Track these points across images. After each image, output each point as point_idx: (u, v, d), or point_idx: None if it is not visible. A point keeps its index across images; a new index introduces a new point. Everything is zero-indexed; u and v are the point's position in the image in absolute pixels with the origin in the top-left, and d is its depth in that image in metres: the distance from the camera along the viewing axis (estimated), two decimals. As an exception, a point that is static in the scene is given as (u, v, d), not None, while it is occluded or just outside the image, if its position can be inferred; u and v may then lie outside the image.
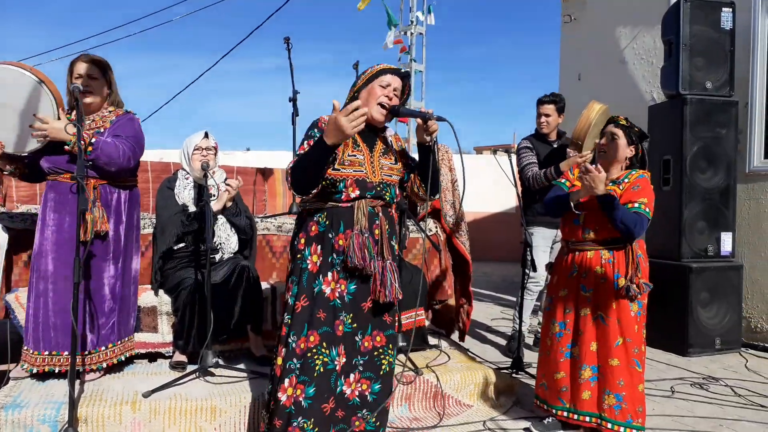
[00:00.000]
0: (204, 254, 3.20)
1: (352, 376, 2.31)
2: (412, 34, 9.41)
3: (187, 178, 3.45)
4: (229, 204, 3.39)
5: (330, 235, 2.30)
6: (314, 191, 2.26)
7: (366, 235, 2.27)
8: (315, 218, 2.34)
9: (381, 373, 2.35)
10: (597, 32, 6.66)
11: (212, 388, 2.92)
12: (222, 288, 3.21)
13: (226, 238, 3.42)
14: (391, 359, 2.39)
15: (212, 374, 3.06)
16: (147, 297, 3.36)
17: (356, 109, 2.09)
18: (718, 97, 4.71)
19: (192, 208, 3.37)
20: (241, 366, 3.21)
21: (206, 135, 3.43)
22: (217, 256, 3.38)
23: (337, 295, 2.29)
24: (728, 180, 4.72)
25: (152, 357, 3.40)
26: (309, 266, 2.31)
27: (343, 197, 2.29)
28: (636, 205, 2.70)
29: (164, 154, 7.54)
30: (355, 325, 2.31)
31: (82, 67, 2.97)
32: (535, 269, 3.99)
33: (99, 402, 2.71)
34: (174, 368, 3.19)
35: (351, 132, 2.11)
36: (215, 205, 3.31)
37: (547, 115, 4.35)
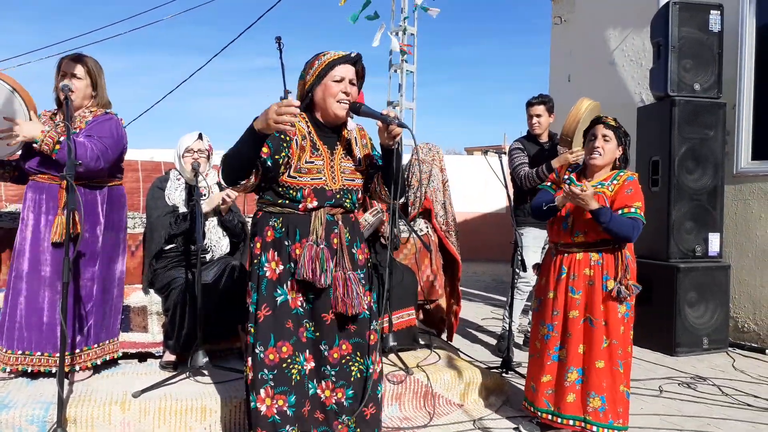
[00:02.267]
0: (194, 254, 3.19)
1: (324, 383, 2.30)
2: (404, 32, 9.42)
3: (178, 179, 3.44)
4: (225, 213, 3.38)
5: (286, 243, 2.24)
6: (243, 182, 2.16)
7: (321, 246, 2.21)
8: (271, 223, 2.26)
9: (352, 379, 2.32)
10: (587, 34, 6.69)
11: (202, 388, 2.92)
12: (212, 288, 3.20)
13: (216, 241, 3.41)
14: (361, 366, 2.34)
15: (202, 374, 3.06)
16: (137, 297, 3.35)
17: (290, 106, 1.98)
18: (706, 99, 4.75)
19: (183, 209, 3.36)
20: (232, 366, 3.20)
21: (200, 137, 3.41)
22: (208, 257, 3.37)
23: (298, 303, 2.26)
24: (716, 181, 4.76)
25: (142, 357, 3.38)
26: (267, 273, 2.24)
27: (300, 207, 2.23)
28: (632, 209, 2.71)
29: (155, 154, 7.51)
30: (318, 334, 2.29)
31: (67, 66, 2.96)
32: (525, 269, 4.01)
33: (88, 402, 2.70)
34: (164, 368, 3.18)
35: (272, 124, 1.98)
36: (205, 206, 3.30)
37: (539, 116, 4.39)
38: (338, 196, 2.27)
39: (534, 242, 4.39)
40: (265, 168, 2.17)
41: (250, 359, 2.26)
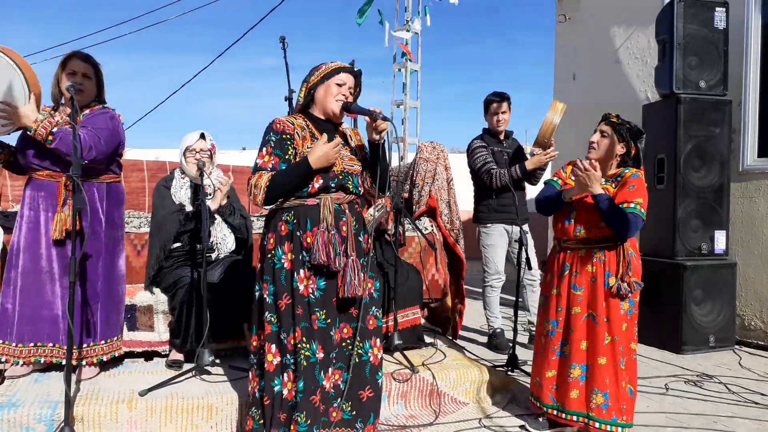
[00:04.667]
0: (200, 253, 3.20)
1: (330, 369, 2.39)
2: (407, 32, 9.41)
3: (183, 178, 3.45)
4: (224, 202, 3.39)
5: (298, 234, 2.38)
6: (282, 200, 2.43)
7: (332, 232, 2.36)
8: (283, 218, 2.42)
9: (349, 363, 2.44)
10: (591, 32, 6.68)
11: (209, 387, 2.93)
12: (218, 287, 3.21)
13: (222, 238, 3.43)
14: (360, 350, 2.47)
15: (208, 372, 3.07)
16: (143, 296, 3.36)
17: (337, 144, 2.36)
18: (712, 96, 4.73)
19: (189, 208, 3.37)
20: (238, 364, 3.21)
21: (202, 136, 3.42)
22: (213, 255, 3.38)
23: (310, 291, 2.37)
24: (722, 178, 4.74)
25: (148, 356, 3.40)
26: (285, 264, 2.39)
27: (309, 189, 2.39)
28: (632, 205, 2.71)
29: (160, 153, 7.54)
30: (329, 320, 2.40)
31: (78, 65, 2.97)
32: (530, 267, 4.02)
33: (95, 401, 2.71)
34: (170, 367, 3.19)
35: (332, 159, 2.38)
36: (211, 204, 3.31)
37: (504, 113, 4.44)
38: (341, 177, 2.44)
39: (501, 239, 4.41)
40: None
41: (273, 346, 2.38)
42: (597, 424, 2.72)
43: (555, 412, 2.85)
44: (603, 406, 2.71)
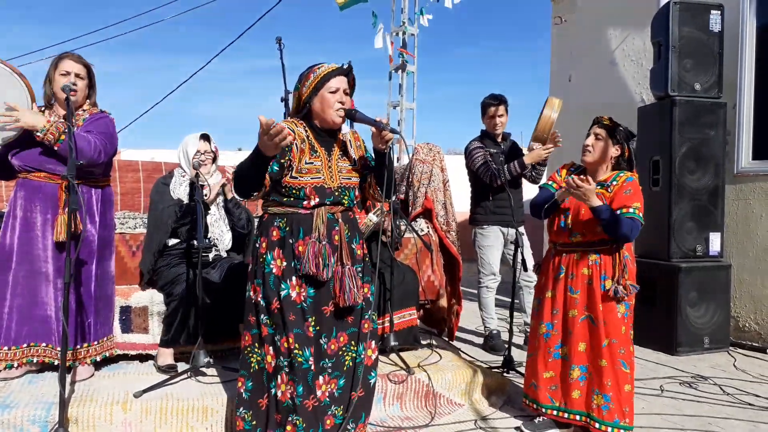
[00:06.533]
0: (196, 252, 3.19)
1: (321, 378, 2.38)
2: (404, 33, 9.42)
3: (183, 176, 3.46)
4: (215, 196, 3.36)
5: (290, 241, 2.37)
6: (256, 194, 2.36)
7: (324, 242, 2.35)
8: (276, 223, 2.40)
9: (345, 368, 2.44)
10: (587, 34, 6.69)
11: (204, 388, 2.92)
12: (216, 287, 3.21)
13: (219, 235, 3.43)
14: (354, 354, 2.46)
15: (204, 374, 3.06)
16: (138, 297, 3.35)
17: (279, 133, 2.08)
18: (707, 99, 4.75)
19: (186, 202, 3.38)
20: (234, 365, 3.19)
21: (206, 138, 3.43)
22: (211, 255, 3.37)
23: (302, 298, 2.37)
24: (717, 181, 4.76)
25: (143, 357, 3.38)
26: (273, 270, 2.37)
27: (303, 204, 2.37)
28: (630, 210, 2.72)
29: (156, 154, 7.51)
30: (318, 328, 2.39)
31: (70, 66, 2.97)
32: (526, 269, 4.02)
33: (90, 402, 2.70)
34: (164, 371, 3.15)
35: (276, 151, 2.16)
36: (209, 195, 3.32)
37: (501, 116, 4.45)
38: (337, 193, 2.42)
39: (497, 242, 4.42)
40: (272, 174, 2.33)
41: (270, 348, 2.38)
42: (597, 425, 2.72)
43: (555, 412, 2.85)
44: (603, 408, 2.71)
